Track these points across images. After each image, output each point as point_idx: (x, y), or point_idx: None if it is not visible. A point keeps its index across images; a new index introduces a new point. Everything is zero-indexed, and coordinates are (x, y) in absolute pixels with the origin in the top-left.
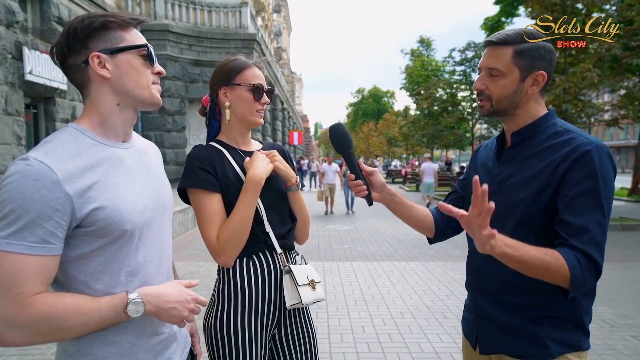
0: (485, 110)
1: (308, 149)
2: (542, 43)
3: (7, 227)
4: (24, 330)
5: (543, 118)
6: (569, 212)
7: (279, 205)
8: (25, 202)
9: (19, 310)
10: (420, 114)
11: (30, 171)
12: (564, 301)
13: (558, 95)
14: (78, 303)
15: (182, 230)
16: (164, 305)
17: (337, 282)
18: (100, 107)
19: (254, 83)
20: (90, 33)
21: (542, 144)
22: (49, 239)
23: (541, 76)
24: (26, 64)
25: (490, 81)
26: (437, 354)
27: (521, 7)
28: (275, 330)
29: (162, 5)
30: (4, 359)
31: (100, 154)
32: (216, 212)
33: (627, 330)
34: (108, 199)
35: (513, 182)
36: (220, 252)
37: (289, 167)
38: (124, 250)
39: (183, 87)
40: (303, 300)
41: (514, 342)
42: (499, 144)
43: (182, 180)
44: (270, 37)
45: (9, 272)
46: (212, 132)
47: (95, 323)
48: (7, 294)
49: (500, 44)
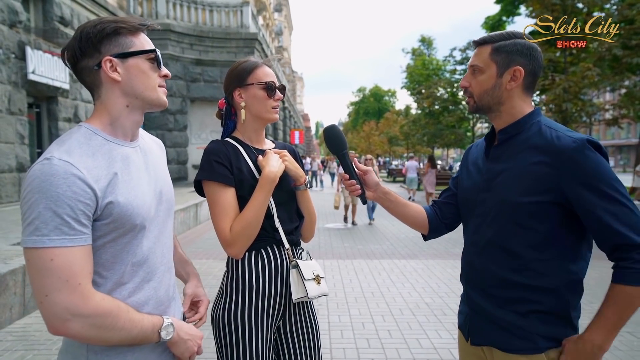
0: (470, 106)
1: (309, 148)
2: (521, 41)
3: (45, 226)
4: (86, 321)
5: (528, 116)
6: (600, 237)
7: (288, 203)
8: (59, 199)
9: (82, 301)
10: (421, 113)
11: (58, 170)
12: (552, 296)
13: (558, 95)
14: (128, 309)
15: (184, 229)
16: (185, 336)
17: (338, 279)
18: (111, 108)
19: (266, 81)
20: (103, 38)
21: (527, 141)
22: (84, 230)
23: (518, 71)
24: (29, 63)
25: (473, 78)
26: (436, 350)
27: (522, 7)
28: (280, 323)
29: (163, 5)
30: (10, 354)
31: (112, 152)
32: (230, 204)
33: (623, 326)
34: (122, 194)
35: (501, 179)
36: (232, 243)
37: (298, 167)
38: (134, 243)
39: (185, 87)
40: (309, 294)
41: (503, 335)
42: (488, 141)
43: (200, 172)
44: (271, 36)
45: (62, 265)
46: (227, 131)
47: (136, 333)
48: (66, 286)
49: (482, 43)
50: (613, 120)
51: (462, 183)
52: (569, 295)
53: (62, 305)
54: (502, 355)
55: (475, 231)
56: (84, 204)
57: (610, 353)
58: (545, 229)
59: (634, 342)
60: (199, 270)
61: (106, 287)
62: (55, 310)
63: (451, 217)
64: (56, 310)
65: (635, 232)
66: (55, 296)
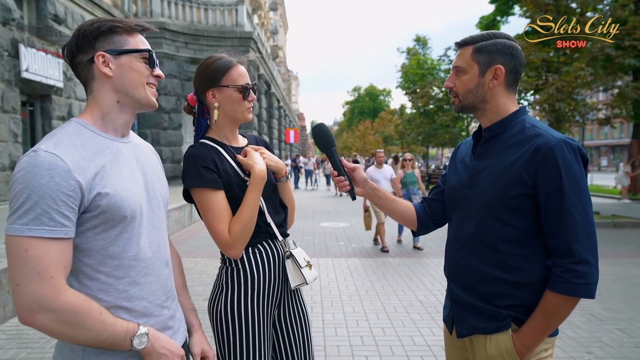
0: (456, 106)
1: (304, 147)
2: (502, 40)
3: (26, 215)
4: (54, 315)
5: (513, 115)
6: (550, 233)
7: (273, 196)
8: (41, 189)
9: (52, 295)
10: (416, 112)
11: (43, 162)
12: (531, 292)
13: (552, 94)
14: (100, 310)
15: (179, 228)
16: (159, 349)
17: (332, 277)
18: (102, 102)
19: (242, 84)
20: (98, 35)
21: (511, 139)
22: (66, 223)
23: (499, 70)
24: (22, 61)
25: (457, 78)
26: (429, 347)
27: (516, 7)
28: (275, 312)
29: (158, 3)
30: (3, 352)
31: (101, 146)
32: (224, 208)
33: (614, 324)
34: (110, 186)
35: (484, 175)
36: (233, 245)
37: (278, 161)
38: (125, 236)
39: (179, 85)
40: (307, 279)
41: (483, 322)
42: (475, 139)
43: (189, 180)
44: (266, 35)
45: (36, 256)
46: (200, 130)
47: (105, 336)
48: (38, 278)
49: (464, 45)
50: (606, 120)
51: (449, 180)
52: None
53: (32, 297)
54: (481, 338)
55: (458, 226)
56: (67, 195)
57: (600, 350)
58: (523, 225)
59: (624, 339)
60: (194, 268)
61: (100, 281)
62: (25, 301)
63: (439, 214)
64: (25, 300)
65: (578, 243)
66: (26, 287)
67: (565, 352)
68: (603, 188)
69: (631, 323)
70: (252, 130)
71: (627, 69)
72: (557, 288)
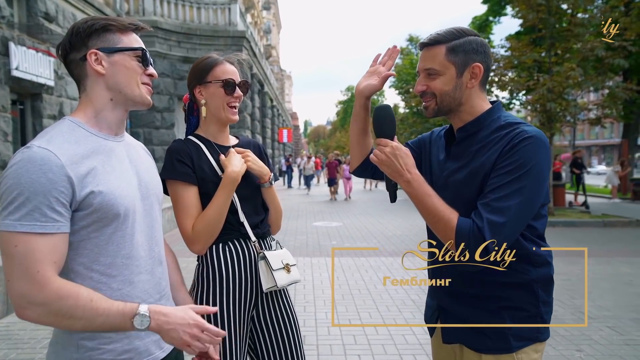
0: (430, 110)
1: (297, 146)
2: (473, 38)
3: (17, 210)
4: (42, 308)
5: (487, 113)
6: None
7: (253, 197)
8: (33, 185)
9: (38, 289)
10: (409, 112)
11: (36, 157)
12: (521, 292)
13: (543, 95)
14: (91, 297)
15: (172, 227)
16: (165, 325)
17: (325, 277)
18: (95, 100)
19: (224, 79)
20: (91, 33)
21: (485, 138)
22: (58, 218)
23: (477, 68)
24: (12, 59)
25: (430, 80)
26: (422, 346)
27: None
28: (254, 312)
29: (150, 2)
30: None
31: (95, 144)
32: (192, 203)
33: (603, 321)
34: (103, 184)
35: (457, 177)
36: (194, 241)
37: (263, 166)
38: (119, 234)
39: (172, 84)
40: (278, 283)
41: (474, 336)
42: (447, 139)
43: (163, 172)
44: (259, 35)
45: (24, 252)
46: (190, 128)
47: (100, 321)
48: (25, 274)
49: (433, 44)
50: (596, 120)
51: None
52: (540, 289)
53: (19, 293)
54: (472, 354)
55: None
56: (59, 191)
57: (590, 347)
58: None
59: (614, 337)
60: (187, 268)
61: (93, 279)
62: (14, 297)
63: None
64: (14, 296)
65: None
66: (15, 283)
67: (556, 350)
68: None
69: (620, 321)
70: (245, 130)
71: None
72: (461, 224)
